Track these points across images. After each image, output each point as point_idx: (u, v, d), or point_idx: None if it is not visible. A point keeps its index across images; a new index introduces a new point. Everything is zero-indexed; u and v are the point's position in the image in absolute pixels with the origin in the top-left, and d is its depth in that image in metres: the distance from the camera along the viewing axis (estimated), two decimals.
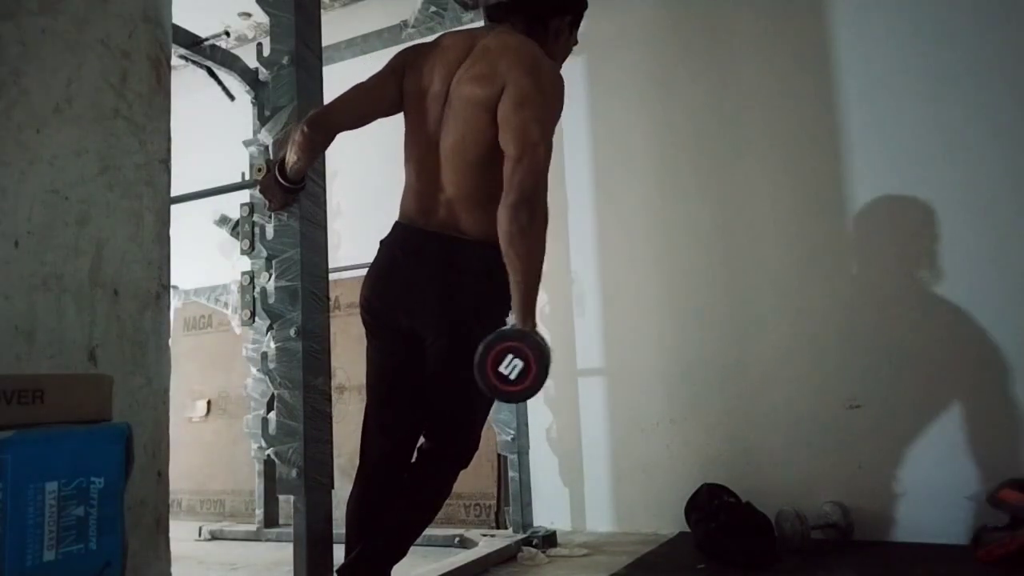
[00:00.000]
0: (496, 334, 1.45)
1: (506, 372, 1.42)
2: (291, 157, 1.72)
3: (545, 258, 1.51)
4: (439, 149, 1.63)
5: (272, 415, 1.87)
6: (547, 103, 1.55)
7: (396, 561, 1.62)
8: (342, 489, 1.79)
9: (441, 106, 1.63)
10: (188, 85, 3.18)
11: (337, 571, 1.60)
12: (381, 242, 1.73)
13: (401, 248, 1.66)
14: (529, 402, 2.95)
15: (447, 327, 1.60)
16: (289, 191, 1.84)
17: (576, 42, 1.81)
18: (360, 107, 1.77)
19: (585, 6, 1.80)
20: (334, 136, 1.76)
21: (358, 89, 1.75)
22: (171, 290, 1.24)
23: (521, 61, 1.55)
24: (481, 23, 1.83)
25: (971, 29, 2.56)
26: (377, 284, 1.69)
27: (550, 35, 1.71)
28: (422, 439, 1.68)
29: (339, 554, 1.70)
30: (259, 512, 3.30)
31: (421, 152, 1.67)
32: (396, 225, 1.71)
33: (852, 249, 2.68)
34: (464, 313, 1.59)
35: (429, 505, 1.66)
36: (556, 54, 1.72)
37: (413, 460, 1.69)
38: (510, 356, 1.42)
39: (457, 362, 1.58)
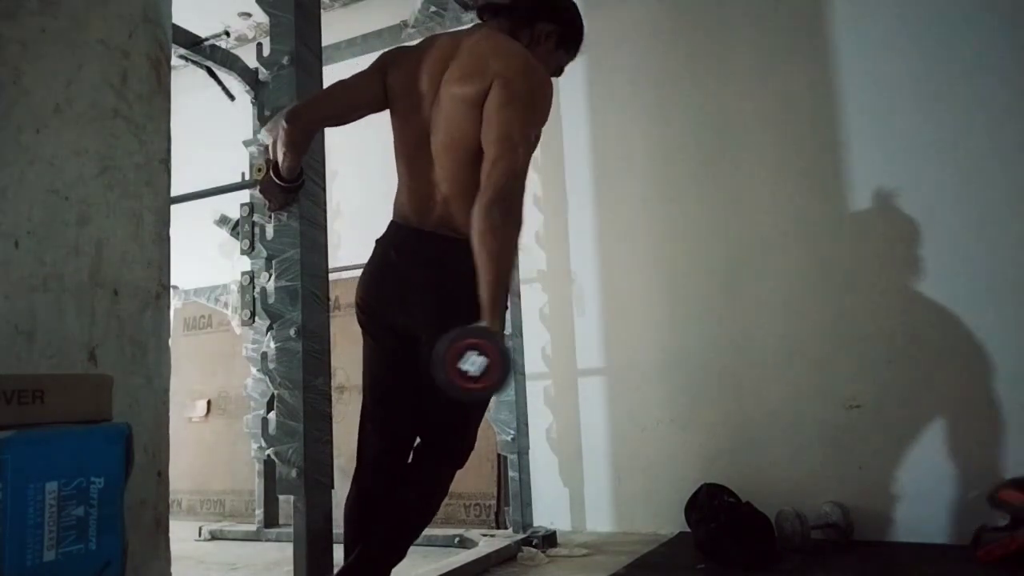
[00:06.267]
0: (460, 330, 1.41)
1: (467, 369, 1.37)
2: (279, 154, 1.73)
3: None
4: (430, 148, 1.62)
5: (272, 415, 1.87)
6: (533, 105, 1.54)
7: (395, 563, 1.61)
8: (342, 489, 1.79)
9: (430, 105, 1.62)
10: (188, 85, 3.19)
11: (336, 575, 1.59)
12: (376, 241, 1.72)
13: (396, 248, 1.66)
14: (529, 402, 2.96)
15: (442, 328, 1.59)
16: (286, 190, 1.84)
17: (562, 62, 1.79)
18: (340, 103, 1.76)
19: (575, 27, 1.78)
20: (315, 130, 1.76)
21: (340, 85, 1.75)
22: (171, 290, 1.24)
23: (512, 62, 1.55)
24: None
25: (969, 30, 2.56)
26: (372, 284, 1.69)
27: (533, 39, 1.70)
28: (418, 439, 1.68)
29: (339, 554, 1.70)
30: (259, 512, 3.30)
31: (411, 150, 1.66)
32: (391, 224, 1.71)
33: (851, 250, 2.68)
34: (459, 313, 1.57)
35: (427, 506, 1.66)
36: (537, 59, 1.69)
37: (410, 460, 1.68)
38: (473, 353, 1.37)
39: None
